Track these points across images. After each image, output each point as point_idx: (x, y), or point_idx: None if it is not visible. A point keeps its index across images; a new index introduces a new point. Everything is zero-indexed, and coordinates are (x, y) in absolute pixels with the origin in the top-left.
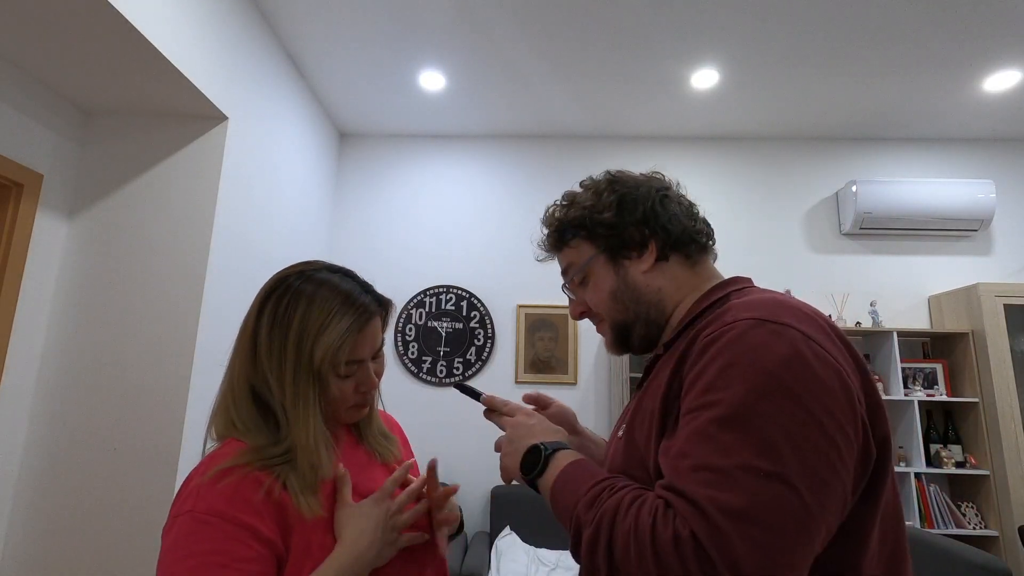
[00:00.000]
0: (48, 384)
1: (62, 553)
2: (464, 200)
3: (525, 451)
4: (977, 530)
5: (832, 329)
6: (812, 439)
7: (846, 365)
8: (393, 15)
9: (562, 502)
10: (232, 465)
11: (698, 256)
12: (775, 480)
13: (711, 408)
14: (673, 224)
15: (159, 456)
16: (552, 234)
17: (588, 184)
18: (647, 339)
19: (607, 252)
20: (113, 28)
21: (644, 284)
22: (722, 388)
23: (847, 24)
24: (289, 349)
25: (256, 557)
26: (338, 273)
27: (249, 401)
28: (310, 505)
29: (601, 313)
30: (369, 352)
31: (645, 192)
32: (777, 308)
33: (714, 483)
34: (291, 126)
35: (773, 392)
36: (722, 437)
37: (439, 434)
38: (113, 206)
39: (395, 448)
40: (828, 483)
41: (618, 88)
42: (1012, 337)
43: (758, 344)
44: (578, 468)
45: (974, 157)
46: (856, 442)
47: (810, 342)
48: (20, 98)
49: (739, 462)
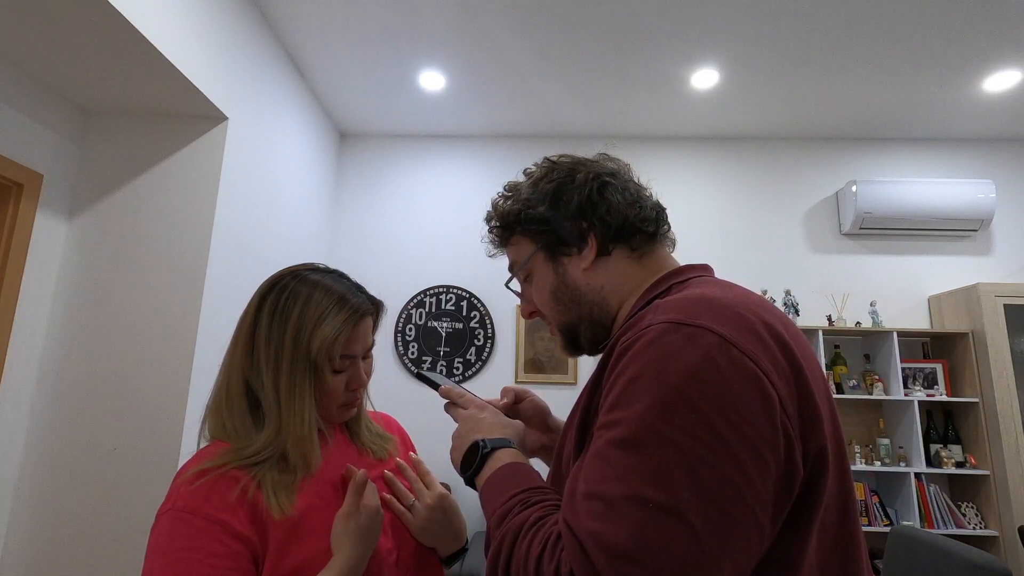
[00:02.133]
0: (48, 384)
1: (62, 553)
2: (464, 200)
3: (467, 447)
4: (977, 530)
5: (767, 327)
6: (715, 463)
7: (773, 370)
8: (393, 15)
9: (486, 507)
10: (210, 466)
11: (645, 247)
12: (665, 513)
13: (612, 428)
14: (612, 215)
15: (159, 457)
16: (493, 230)
17: (530, 172)
18: (595, 340)
19: (545, 249)
20: (113, 28)
21: (584, 283)
22: (624, 405)
23: (847, 24)
24: (288, 340)
25: (230, 553)
26: (332, 274)
27: (242, 398)
28: (281, 505)
29: (546, 314)
30: (361, 349)
31: (582, 180)
32: (697, 307)
33: (600, 515)
34: (291, 126)
35: (674, 408)
36: (617, 462)
37: (439, 434)
38: (113, 206)
39: (391, 446)
40: (732, 516)
41: (618, 88)
42: (1012, 337)
43: (667, 352)
44: (505, 474)
45: (974, 157)
46: (775, 463)
47: (726, 346)
48: (20, 98)
49: (628, 491)
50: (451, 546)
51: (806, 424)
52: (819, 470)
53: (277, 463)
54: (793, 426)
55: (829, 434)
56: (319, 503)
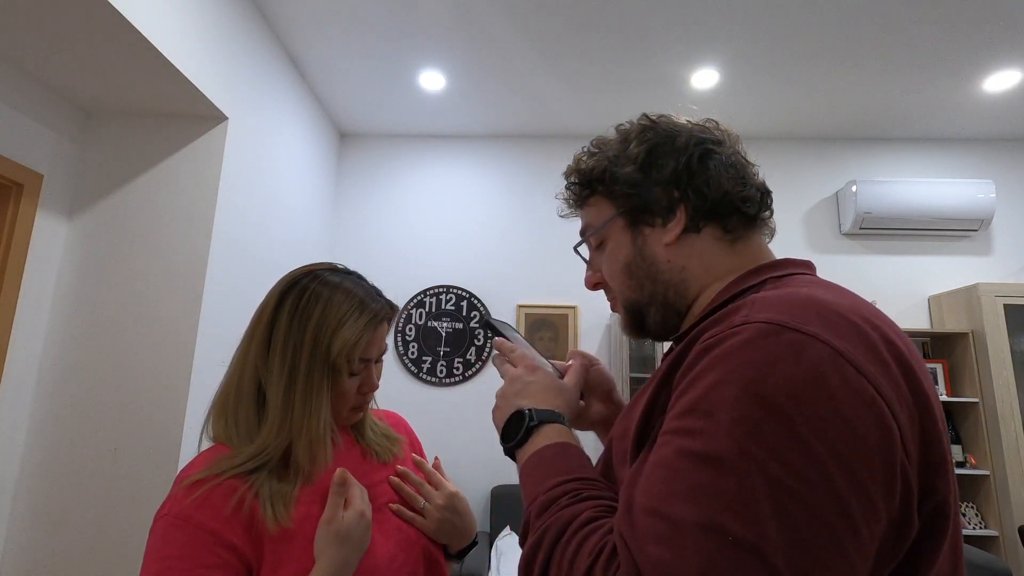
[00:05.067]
0: (48, 384)
1: (62, 553)
2: (464, 200)
3: (511, 414)
4: (977, 530)
5: (888, 345)
6: (812, 502)
7: (895, 397)
8: (393, 15)
9: (526, 488)
10: (207, 475)
11: (741, 231)
12: (744, 550)
13: (687, 436)
14: (711, 188)
15: (159, 457)
16: (571, 187)
17: (622, 128)
18: (664, 325)
19: (626, 215)
20: (113, 28)
21: (664, 259)
22: (706, 413)
23: (847, 24)
24: (307, 341)
25: (221, 564)
26: (351, 276)
27: (252, 396)
28: (278, 517)
29: (613, 287)
30: (377, 353)
31: (683, 144)
32: (805, 310)
33: (665, 539)
34: (291, 126)
35: (768, 428)
36: (691, 477)
37: (439, 434)
38: (113, 206)
39: (396, 448)
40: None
41: (618, 88)
42: (1012, 337)
43: (765, 359)
44: (554, 453)
45: (974, 157)
46: (885, 511)
47: (841, 362)
48: (20, 98)
49: (702, 517)
50: (462, 542)
51: (929, 468)
52: (936, 527)
53: (276, 470)
54: (913, 469)
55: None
56: (317, 512)
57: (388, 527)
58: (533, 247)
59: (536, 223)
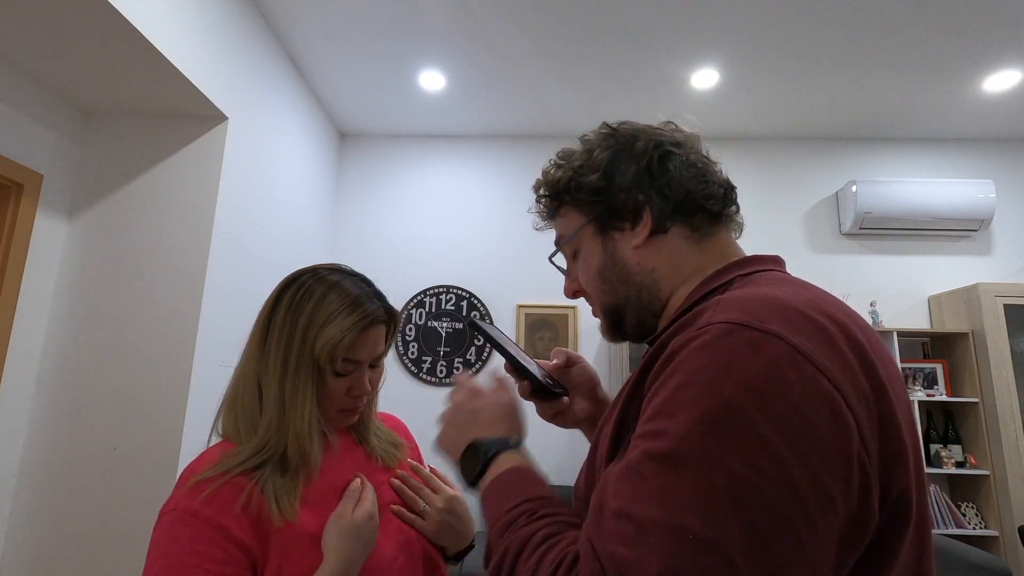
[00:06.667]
0: (48, 384)
1: (62, 553)
2: (464, 200)
3: (464, 448)
4: (977, 530)
5: (849, 339)
6: (771, 497)
7: (853, 392)
8: (393, 15)
9: (488, 514)
10: (214, 473)
11: (708, 228)
12: (705, 550)
13: (651, 439)
14: (673, 188)
15: (159, 456)
16: (540, 199)
17: (585, 139)
18: (640, 327)
19: (595, 222)
20: (113, 28)
21: (635, 262)
22: (668, 414)
23: (847, 24)
24: (296, 336)
25: (229, 560)
26: (353, 277)
27: (254, 392)
28: (283, 511)
29: (591, 293)
30: (367, 356)
31: (642, 148)
32: (766, 308)
33: (629, 540)
34: (291, 126)
35: (728, 425)
36: (655, 480)
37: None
38: (113, 206)
39: (401, 454)
40: (786, 565)
41: (618, 88)
42: (1012, 337)
43: (725, 358)
44: (510, 477)
45: (974, 157)
46: (844, 504)
47: (799, 359)
48: (20, 98)
49: (664, 517)
50: (460, 545)
51: (887, 460)
52: (898, 518)
53: (279, 466)
54: (871, 461)
55: (913, 475)
56: (323, 510)
57: (390, 528)
58: (533, 247)
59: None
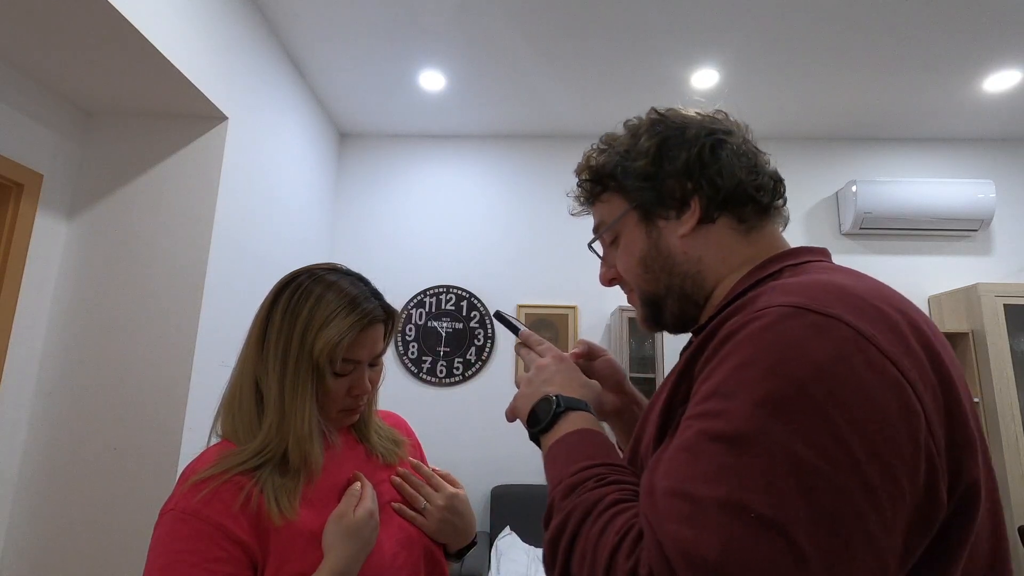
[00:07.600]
0: (48, 384)
1: (62, 553)
2: (464, 200)
3: (538, 400)
4: None
5: (913, 328)
6: (837, 481)
7: (920, 379)
8: (393, 15)
9: (551, 472)
10: (214, 472)
11: (756, 220)
12: (767, 528)
13: (710, 419)
14: (724, 177)
15: (159, 456)
16: (583, 184)
17: (631, 124)
18: (681, 317)
19: (640, 209)
20: (113, 28)
21: (681, 251)
22: (728, 395)
23: (847, 24)
24: (295, 338)
25: (229, 558)
26: (350, 277)
27: (252, 394)
28: (283, 510)
29: (629, 281)
30: (367, 356)
31: (693, 135)
32: (827, 293)
33: (687, 519)
34: (291, 126)
35: (793, 407)
36: (713, 459)
37: (439, 434)
38: (113, 206)
39: (403, 452)
40: (850, 546)
41: (618, 88)
42: (1012, 337)
43: (788, 341)
44: (579, 439)
45: (974, 157)
46: (911, 492)
47: (864, 344)
48: (20, 98)
49: (724, 494)
50: (461, 542)
51: (956, 450)
52: (968, 507)
53: (279, 466)
54: (939, 450)
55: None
56: (323, 509)
57: (391, 526)
58: (533, 247)
59: (536, 223)
